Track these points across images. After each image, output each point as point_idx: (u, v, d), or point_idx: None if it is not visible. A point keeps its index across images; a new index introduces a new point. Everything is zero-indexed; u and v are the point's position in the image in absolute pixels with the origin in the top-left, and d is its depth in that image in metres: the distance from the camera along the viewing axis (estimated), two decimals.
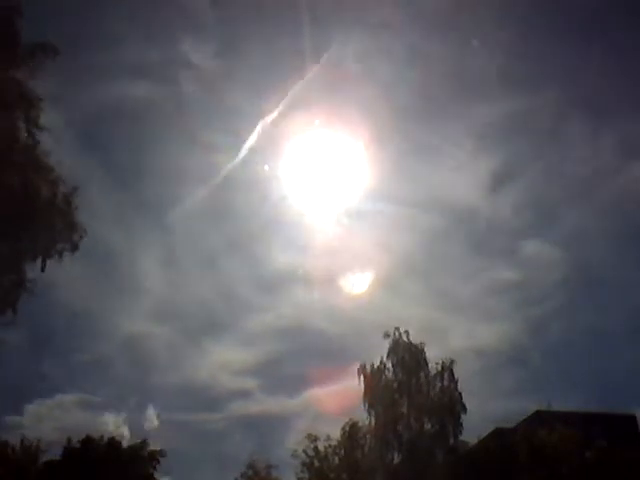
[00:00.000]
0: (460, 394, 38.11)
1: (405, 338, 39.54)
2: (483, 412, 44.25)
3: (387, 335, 39.48)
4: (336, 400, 45.20)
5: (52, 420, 51.62)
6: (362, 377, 39.14)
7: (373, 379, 38.97)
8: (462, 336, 52.74)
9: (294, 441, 42.13)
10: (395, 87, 54.47)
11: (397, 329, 39.64)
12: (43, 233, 18.60)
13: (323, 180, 42.90)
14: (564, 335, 60.64)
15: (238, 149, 47.73)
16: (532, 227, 63.83)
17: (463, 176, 59.99)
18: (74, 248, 19.19)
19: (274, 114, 39.59)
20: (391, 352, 39.43)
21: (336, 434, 40.78)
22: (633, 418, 40.39)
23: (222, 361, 58.27)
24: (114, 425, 45.64)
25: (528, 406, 40.16)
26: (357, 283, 49.21)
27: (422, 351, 39.22)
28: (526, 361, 56.43)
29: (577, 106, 61.33)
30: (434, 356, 39.72)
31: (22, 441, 41.86)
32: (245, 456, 44.00)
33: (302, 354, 57.47)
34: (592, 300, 60.23)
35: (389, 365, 39.35)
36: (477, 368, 52.34)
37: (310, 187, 44.13)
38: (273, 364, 58.28)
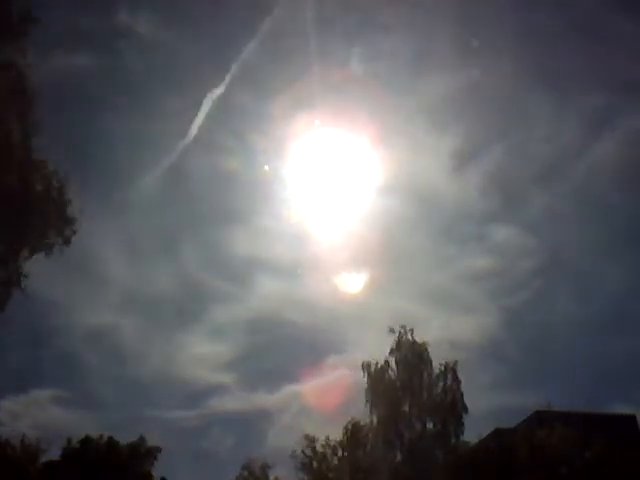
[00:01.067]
0: (462, 394, 38.01)
1: (409, 336, 39.50)
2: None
3: (392, 331, 39.41)
4: (318, 395, 45.31)
5: (28, 417, 50.23)
6: (366, 375, 39.00)
7: (376, 377, 38.81)
8: (437, 328, 51.26)
9: (277, 438, 42.14)
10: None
11: (403, 327, 39.63)
12: (36, 228, 18.61)
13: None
14: (541, 325, 59.31)
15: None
16: (501, 211, 63.14)
17: (422, 157, 58.64)
18: (67, 242, 19.18)
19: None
20: (395, 350, 39.32)
21: (320, 430, 40.83)
22: (633, 418, 40.23)
23: (196, 354, 57.32)
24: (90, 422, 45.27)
25: (507, 401, 39.82)
26: (324, 273, 49.57)
27: (426, 350, 39.11)
28: (503, 354, 55.28)
29: (538, 77, 58.78)
30: None
31: (22, 441, 42.02)
32: (224, 453, 43.87)
33: (277, 347, 57.73)
34: (568, 288, 59.60)
35: (392, 363, 39.30)
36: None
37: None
38: (249, 358, 57.52)
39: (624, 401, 48.30)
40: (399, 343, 39.48)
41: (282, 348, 56.93)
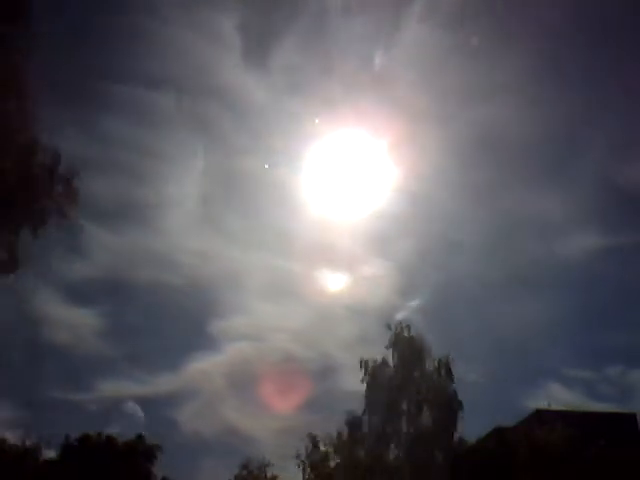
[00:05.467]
0: (455, 391, 37.87)
1: (406, 332, 39.42)
2: None
3: (389, 327, 39.40)
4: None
5: None
6: (364, 373, 38.89)
7: (375, 375, 38.75)
8: None
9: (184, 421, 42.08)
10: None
11: (400, 323, 39.66)
12: (37, 212, 18.58)
13: None
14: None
15: None
16: None
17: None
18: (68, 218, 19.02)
19: None
20: (392, 346, 39.26)
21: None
22: (633, 418, 40.11)
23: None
24: None
25: None
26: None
27: (422, 345, 39.03)
28: None
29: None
30: None
31: (22, 439, 41.95)
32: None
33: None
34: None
35: (389, 360, 39.23)
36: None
37: None
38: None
39: None
40: (396, 339, 39.49)
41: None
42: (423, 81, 53.30)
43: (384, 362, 39.00)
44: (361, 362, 38.84)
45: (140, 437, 42.28)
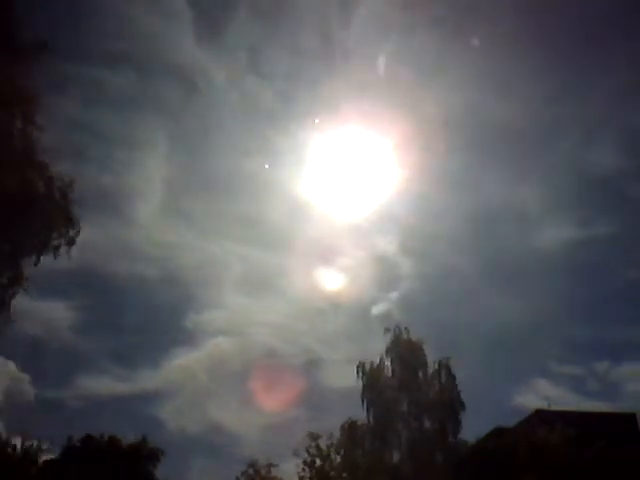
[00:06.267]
0: (458, 392, 38.11)
1: (405, 335, 39.62)
2: None
3: (387, 330, 39.63)
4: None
5: None
6: (361, 375, 39.12)
7: (372, 377, 38.95)
8: None
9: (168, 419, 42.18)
10: None
11: (397, 326, 39.84)
12: (40, 229, 18.67)
13: None
14: None
15: None
16: None
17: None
18: (70, 243, 19.27)
19: None
20: (390, 349, 39.48)
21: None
22: (633, 417, 40.29)
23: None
24: None
25: None
26: None
27: (421, 348, 39.30)
28: None
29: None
30: None
31: (23, 440, 41.93)
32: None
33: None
34: None
35: (388, 363, 39.51)
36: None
37: None
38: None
39: None
40: (395, 342, 39.68)
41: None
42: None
43: (381, 364, 39.31)
44: (358, 366, 39.23)
45: (144, 439, 42.27)
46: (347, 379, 40.74)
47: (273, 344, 57.65)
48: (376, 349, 40.35)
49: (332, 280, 54.41)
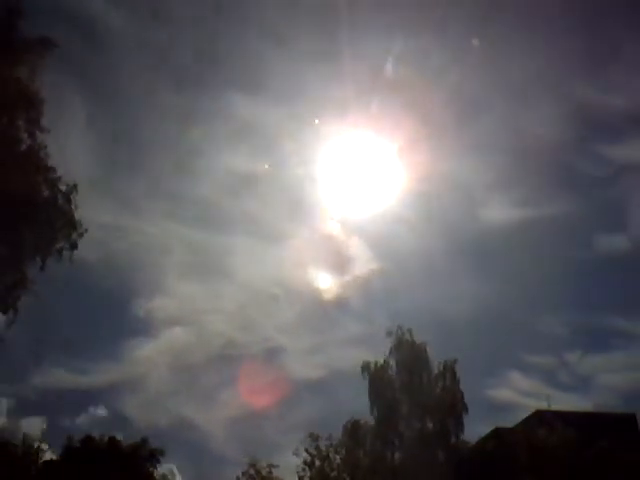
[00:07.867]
0: (462, 394, 38.23)
1: (408, 337, 39.76)
2: None
3: (389, 333, 39.74)
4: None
5: None
6: (366, 375, 39.22)
7: (376, 377, 39.04)
8: None
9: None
10: None
11: (400, 327, 39.94)
12: (44, 232, 18.66)
13: None
14: None
15: None
16: None
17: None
18: (73, 247, 19.27)
19: None
20: (394, 350, 39.61)
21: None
22: (633, 418, 40.33)
23: None
24: None
25: None
26: None
27: (425, 350, 39.41)
28: None
29: None
30: None
31: (23, 440, 41.95)
32: None
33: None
34: None
35: (392, 363, 39.60)
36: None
37: None
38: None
39: None
40: (399, 344, 39.82)
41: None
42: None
43: (385, 365, 39.42)
44: (362, 367, 39.31)
45: (144, 441, 42.33)
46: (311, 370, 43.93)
47: (230, 334, 55.70)
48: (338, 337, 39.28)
49: (284, 263, 53.61)
